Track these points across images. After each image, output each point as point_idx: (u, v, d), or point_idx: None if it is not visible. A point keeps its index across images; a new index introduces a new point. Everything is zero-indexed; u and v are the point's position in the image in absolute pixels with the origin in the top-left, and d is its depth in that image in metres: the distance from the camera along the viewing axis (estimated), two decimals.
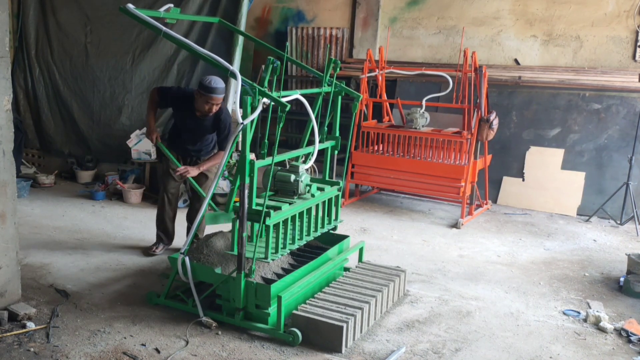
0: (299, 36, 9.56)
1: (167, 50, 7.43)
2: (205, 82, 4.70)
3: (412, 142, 7.15)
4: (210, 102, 4.72)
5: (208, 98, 4.70)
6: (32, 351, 3.65)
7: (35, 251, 5.37)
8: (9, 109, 3.94)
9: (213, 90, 4.67)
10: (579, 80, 7.58)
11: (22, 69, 8.42)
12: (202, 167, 5.04)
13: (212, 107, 4.77)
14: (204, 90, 4.68)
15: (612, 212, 7.05)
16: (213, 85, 4.67)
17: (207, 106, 4.75)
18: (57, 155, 8.43)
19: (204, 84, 4.69)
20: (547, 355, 3.90)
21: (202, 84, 4.70)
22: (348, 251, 4.82)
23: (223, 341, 3.88)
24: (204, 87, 4.68)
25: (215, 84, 4.68)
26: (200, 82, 4.74)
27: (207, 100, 4.71)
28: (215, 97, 4.71)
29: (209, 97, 4.69)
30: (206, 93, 4.68)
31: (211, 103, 4.74)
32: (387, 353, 3.82)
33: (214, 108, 4.80)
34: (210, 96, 4.69)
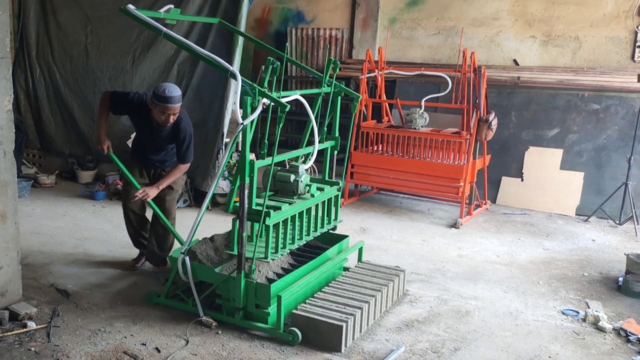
0: (299, 37, 9.57)
1: (167, 51, 7.43)
2: (159, 91, 4.32)
3: (411, 143, 7.16)
4: (167, 112, 4.35)
5: (163, 108, 4.33)
6: (33, 350, 3.67)
7: (36, 251, 5.38)
8: (9, 109, 3.96)
9: (168, 100, 4.30)
10: (578, 80, 7.60)
11: (23, 70, 8.43)
12: (161, 185, 4.59)
13: (169, 117, 4.39)
14: (158, 100, 4.31)
15: (611, 212, 7.06)
16: (168, 94, 4.29)
17: (164, 117, 4.38)
18: (57, 156, 8.44)
19: (158, 93, 4.31)
20: (546, 355, 3.91)
21: (156, 94, 4.32)
22: (348, 251, 4.83)
23: (223, 340, 3.89)
24: (158, 96, 4.31)
25: (170, 93, 4.30)
26: (153, 91, 4.36)
27: (163, 110, 4.34)
28: (171, 107, 4.33)
29: (164, 107, 4.32)
30: (160, 103, 4.31)
31: (167, 113, 4.36)
32: (386, 352, 3.83)
33: (171, 118, 4.41)
34: (166, 106, 4.31)
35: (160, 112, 4.37)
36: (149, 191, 4.53)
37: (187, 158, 4.66)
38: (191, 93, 7.29)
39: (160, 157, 4.79)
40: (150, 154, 4.76)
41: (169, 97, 4.30)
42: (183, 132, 4.55)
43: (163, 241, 4.91)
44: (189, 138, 4.60)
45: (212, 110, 7.06)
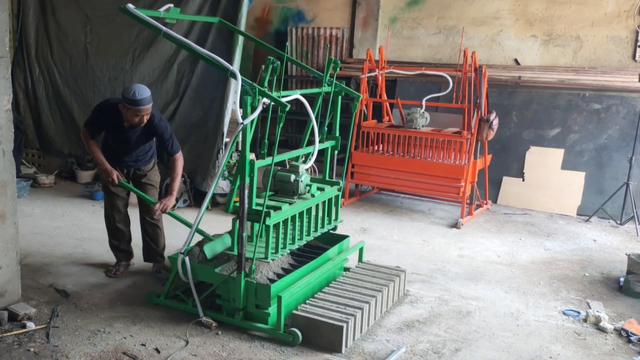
0: (299, 36, 9.56)
1: (167, 51, 7.42)
2: (128, 94, 4.29)
3: (412, 142, 7.15)
4: (140, 114, 4.35)
5: (136, 111, 4.33)
6: (32, 351, 3.65)
7: (35, 251, 5.37)
8: (9, 109, 3.94)
9: (139, 103, 4.29)
10: (579, 80, 7.58)
11: (22, 69, 8.42)
12: (174, 190, 4.59)
13: (143, 118, 4.40)
14: (130, 104, 4.30)
15: (612, 212, 7.05)
16: (138, 97, 4.27)
17: (137, 119, 4.39)
18: (57, 155, 8.43)
19: (128, 96, 4.28)
20: (547, 355, 3.90)
21: (126, 97, 4.29)
22: (348, 251, 4.82)
23: (223, 341, 3.88)
24: (129, 100, 4.29)
25: (140, 95, 4.28)
26: (123, 95, 4.33)
27: (136, 112, 4.34)
28: (143, 109, 4.33)
29: (136, 110, 4.32)
30: (132, 106, 4.30)
31: (140, 115, 4.37)
32: (387, 353, 3.82)
33: (145, 118, 4.42)
34: (138, 109, 4.31)
35: (133, 114, 4.36)
36: (166, 202, 4.55)
37: (176, 149, 4.66)
38: (191, 93, 7.28)
39: (134, 157, 4.76)
40: (123, 156, 4.73)
41: (140, 100, 4.28)
42: (160, 129, 4.56)
43: (156, 239, 4.94)
44: (168, 131, 4.60)
45: (212, 110, 7.05)
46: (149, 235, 4.93)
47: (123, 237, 4.98)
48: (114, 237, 4.97)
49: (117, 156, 4.72)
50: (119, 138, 4.62)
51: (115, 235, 4.95)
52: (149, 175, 4.86)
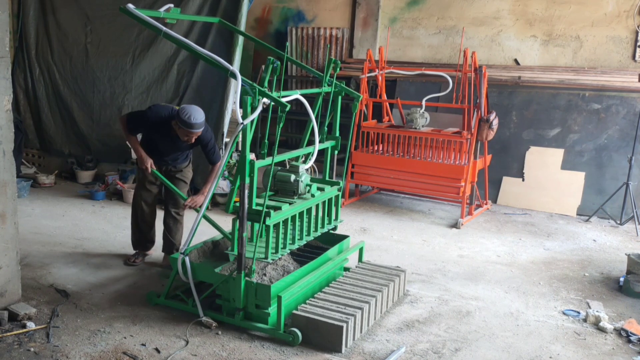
0: (299, 36, 9.56)
1: (167, 51, 7.43)
2: (184, 116, 4.41)
3: (412, 142, 7.15)
4: (190, 135, 4.51)
5: (187, 132, 4.47)
6: (32, 351, 3.65)
7: (36, 251, 5.37)
8: (9, 109, 3.94)
9: (193, 126, 4.43)
10: (579, 80, 7.58)
11: (22, 69, 8.43)
12: (206, 191, 4.69)
13: (192, 138, 4.56)
14: (184, 125, 4.43)
15: (612, 212, 7.05)
16: (192, 120, 4.41)
17: (187, 137, 4.54)
18: (57, 155, 8.43)
19: (183, 118, 4.40)
20: (547, 355, 3.90)
21: (181, 118, 4.41)
22: (348, 251, 4.82)
23: (223, 341, 3.88)
24: (183, 121, 4.41)
25: (195, 120, 4.41)
26: (178, 114, 4.44)
27: (187, 133, 4.49)
28: (194, 132, 4.48)
29: (188, 131, 4.46)
30: (185, 127, 4.44)
31: (191, 136, 4.52)
32: (387, 353, 3.82)
33: (194, 139, 4.58)
34: (190, 131, 4.46)
35: (183, 134, 4.52)
36: (197, 199, 4.70)
37: (217, 158, 4.82)
38: (191, 93, 7.28)
39: (174, 157, 4.92)
40: (165, 156, 4.88)
41: (194, 124, 4.42)
42: (205, 140, 4.70)
43: (174, 232, 5.08)
44: (212, 142, 4.77)
45: (212, 110, 7.05)
46: (168, 228, 5.06)
47: (148, 230, 5.12)
48: (138, 229, 5.09)
49: (159, 154, 4.85)
50: (165, 144, 4.77)
51: (140, 227, 5.08)
52: (184, 171, 5.01)
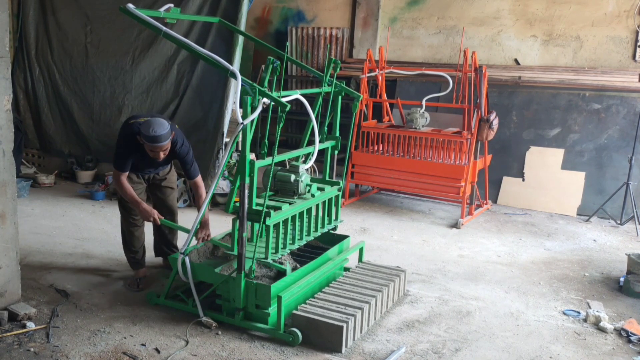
0: (299, 36, 9.56)
1: (167, 51, 7.42)
2: (145, 130, 4.18)
3: (412, 142, 7.15)
4: (155, 150, 4.26)
5: (152, 147, 4.25)
6: (32, 351, 3.65)
7: (35, 251, 5.37)
8: (9, 109, 3.94)
9: (155, 139, 4.18)
10: (579, 80, 7.58)
11: (22, 69, 8.42)
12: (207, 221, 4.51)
13: (159, 154, 4.30)
14: (146, 140, 4.21)
15: (612, 212, 7.05)
16: (152, 133, 4.16)
17: (153, 153, 4.31)
18: (57, 155, 8.43)
19: (144, 132, 4.18)
20: (547, 355, 3.90)
21: (143, 133, 4.20)
22: (348, 251, 4.82)
23: (223, 341, 3.88)
24: (145, 136, 4.20)
25: (154, 132, 4.16)
26: (140, 130, 4.23)
27: (152, 148, 4.26)
28: (158, 146, 4.23)
29: (152, 146, 4.23)
30: (148, 142, 4.22)
31: (156, 151, 4.28)
32: (387, 353, 3.82)
33: (162, 154, 4.32)
34: (154, 145, 4.22)
35: (149, 149, 4.29)
36: (205, 232, 4.45)
37: (195, 172, 4.63)
38: (191, 93, 7.28)
39: (157, 169, 4.74)
40: (147, 169, 4.68)
41: (155, 137, 4.18)
42: (181, 155, 4.50)
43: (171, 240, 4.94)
44: (190, 157, 4.56)
45: (212, 110, 7.06)
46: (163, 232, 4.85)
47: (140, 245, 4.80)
48: (132, 244, 4.77)
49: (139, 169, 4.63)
50: (147, 162, 4.54)
51: (133, 244, 4.76)
52: (168, 177, 4.83)
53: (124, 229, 4.76)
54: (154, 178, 4.76)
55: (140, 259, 4.81)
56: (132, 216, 4.68)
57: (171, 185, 4.85)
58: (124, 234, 4.79)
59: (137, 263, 4.80)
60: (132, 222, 4.70)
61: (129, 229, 4.73)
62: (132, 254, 4.78)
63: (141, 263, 4.82)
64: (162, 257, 5.03)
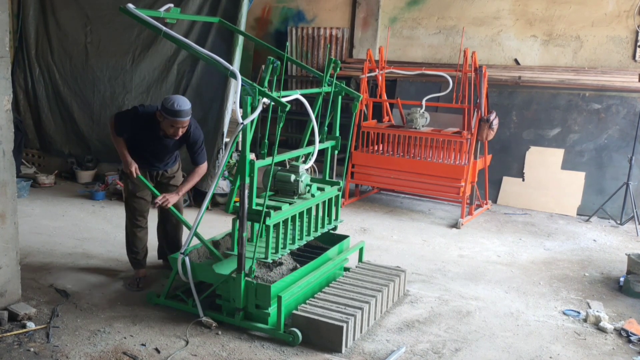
0: (299, 36, 9.56)
1: (167, 51, 7.42)
2: (168, 104, 4.18)
3: (412, 142, 7.15)
4: (176, 125, 4.25)
5: (172, 122, 4.22)
6: (32, 351, 3.65)
7: (35, 251, 5.37)
8: (9, 109, 3.94)
9: (178, 114, 4.18)
10: (579, 80, 7.58)
11: (22, 69, 8.42)
12: (180, 191, 4.53)
13: (178, 130, 4.29)
14: (168, 114, 4.19)
15: (612, 212, 7.05)
16: (177, 107, 4.17)
17: (172, 130, 4.27)
18: (57, 155, 8.43)
19: (167, 106, 4.18)
20: (547, 355, 3.90)
21: (165, 107, 4.19)
22: (348, 251, 4.82)
23: (223, 341, 3.88)
24: (167, 110, 4.18)
25: (179, 106, 4.18)
26: (162, 104, 4.22)
27: (172, 124, 4.23)
28: (180, 121, 4.23)
29: (173, 120, 4.21)
30: (170, 117, 4.19)
31: (177, 127, 4.26)
32: (387, 353, 3.81)
33: (180, 131, 4.31)
34: (175, 120, 4.20)
35: (169, 125, 4.26)
36: (169, 197, 4.45)
37: (202, 159, 4.61)
38: (191, 93, 7.28)
39: (164, 161, 4.70)
40: (154, 161, 4.65)
41: (179, 111, 4.18)
42: (194, 138, 4.48)
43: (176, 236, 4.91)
44: (200, 142, 4.54)
45: (212, 110, 7.05)
46: (169, 234, 4.88)
47: (142, 246, 4.80)
48: (134, 245, 4.77)
49: (147, 161, 4.61)
50: (153, 146, 4.52)
51: (136, 244, 4.76)
52: (176, 177, 4.82)
53: (128, 229, 4.78)
54: (162, 176, 4.75)
55: (141, 259, 4.81)
56: (137, 216, 4.70)
57: (178, 184, 4.83)
58: (127, 234, 4.80)
59: (137, 263, 4.80)
60: (136, 223, 4.72)
61: (132, 230, 4.74)
62: (133, 254, 4.79)
63: (142, 264, 4.82)
64: (164, 260, 5.04)
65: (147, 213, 4.77)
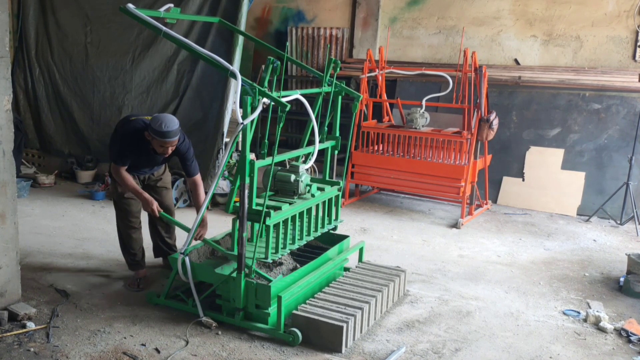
0: (299, 36, 9.56)
1: (167, 51, 7.42)
2: (156, 125, 4.18)
3: (412, 142, 7.15)
4: (165, 145, 4.26)
5: (162, 142, 4.24)
6: (32, 351, 3.65)
7: (35, 251, 5.37)
8: (9, 109, 3.94)
9: (166, 135, 4.19)
10: (579, 80, 7.58)
11: (22, 69, 8.42)
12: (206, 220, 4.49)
13: (168, 149, 4.31)
14: (156, 135, 4.20)
15: (612, 212, 7.05)
16: (164, 129, 4.17)
17: (162, 149, 4.30)
18: (57, 155, 8.43)
19: (155, 127, 4.18)
20: (547, 355, 3.90)
21: (153, 128, 4.19)
22: (348, 251, 4.81)
23: (223, 341, 3.88)
24: (156, 131, 4.19)
25: (167, 127, 4.17)
26: (150, 125, 4.22)
27: (162, 144, 4.26)
28: (169, 141, 4.24)
29: (162, 141, 4.23)
30: (159, 138, 4.21)
31: (166, 146, 4.28)
32: (387, 353, 3.81)
33: (169, 150, 4.32)
34: (164, 140, 4.22)
35: (158, 145, 4.28)
36: (204, 232, 4.45)
37: (195, 170, 4.62)
38: (191, 93, 7.28)
39: (153, 169, 4.73)
40: (143, 169, 4.67)
41: (167, 132, 4.19)
42: (183, 151, 4.48)
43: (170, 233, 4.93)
44: (190, 153, 4.54)
45: (212, 110, 7.06)
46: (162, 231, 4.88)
47: (139, 247, 4.79)
48: (130, 247, 4.75)
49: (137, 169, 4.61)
50: (142, 160, 4.54)
51: (132, 246, 4.74)
52: (163, 177, 4.82)
53: (122, 231, 4.75)
54: (149, 179, 4.74)
55: (139, 260, 4.80)
56: (129, 218, 4.68)
57: (166, 185, 4.85)
58: (121, 237, 4.77)
59: (137, 264, 4.79)
60: (130, 225, 4.70)
61: (127, 232, 4.71)
62: (131, 256, 4.77)
63: (141, 264, 4.81)
64: (162, 257, 5.03)
65: (139, 213, 4.76)
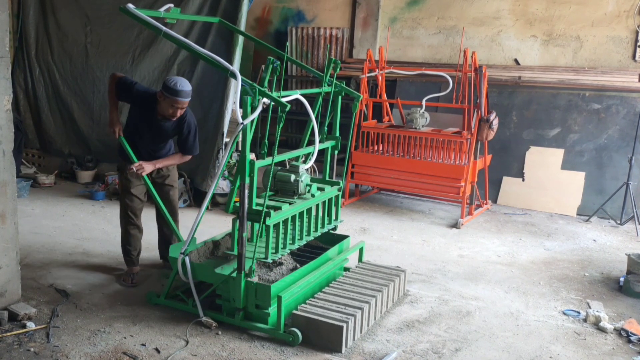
0: (299, 36, 9.56)
1: (167, 50, 7.42)
2: (169, 83, 4.21)
3: (412, 142, 7.15)
4: (175, 105, 4.27)
5: (173, 101, 4.24)
6: (32, 351, 3.65)
7: (36, 251, 5.37)
8: (9, 109, 3.94)
9: (178, 93, 4.21)
10: (579, 80, 7.58)
11: (22, 69, 8.42)
12: (157, 164, 4.52)
13: (177, 111, 4.32)
14: (169, 93, 4.21)
15: (612, 212, 7.05)
16: (179, 87, 4.20)
17: (171, 110, 4.30)
18: (57, 155, 8.43)
19: (169, 85, 4.21)
20: (547, 355, 3.90)
21: (167, 85, 4.22)
22: (348, 251, 4.82)
23: (223, 341, 3.88)
24: (169, 89, 4.21)
25: (181, 87, 4.21)
26: (164, 83, 4.25)
27: (172, 103, 4.25)
28: (180, 101, 4.25)
29: (173, 100, 4.23)
30: (171, 96, 4.21)
31: (176, 107, 4.28)
32: (387, 353, 3.81)
33: (179, 112, 4.33)
34: (175, 99, 4.22)
35: (168, 105, 4.29)
36: (145, 165, 4.43)
37: (193, 150, 4.64)
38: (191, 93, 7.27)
39: (157, 149, 4.70)
40: (148, 146, 4.64)
41: (180, 91, 4.22)
42: (188, 126, 4.52)
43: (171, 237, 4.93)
44: (194, 132, 4.58)
45: (212, 110, 7.05)
46: (165, 234, 4.95)
47: (137, 244, 4.85)
48: (128, 243, 4.80)
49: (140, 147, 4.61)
50: (147, 128, 4.52)
51: (130, 242, 4.80)
52: (171, 175, 4.83)
53: (123, 226, 4.83)
54: (156, 175, 4.76)
55: (134, 257, 4.85)
56: (129, 213, 4.75)
57: (172, 183, 4.87)
58: (122, 232, 4.85)
59: (130, 261, 4.85)
60: (129, 221, 4.77)
61: (126, 227, 4.79)
62: (126, 252, 4.83)
63: (134, 262, 4.86)
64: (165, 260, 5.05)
65: (140, 212, 4.80)
